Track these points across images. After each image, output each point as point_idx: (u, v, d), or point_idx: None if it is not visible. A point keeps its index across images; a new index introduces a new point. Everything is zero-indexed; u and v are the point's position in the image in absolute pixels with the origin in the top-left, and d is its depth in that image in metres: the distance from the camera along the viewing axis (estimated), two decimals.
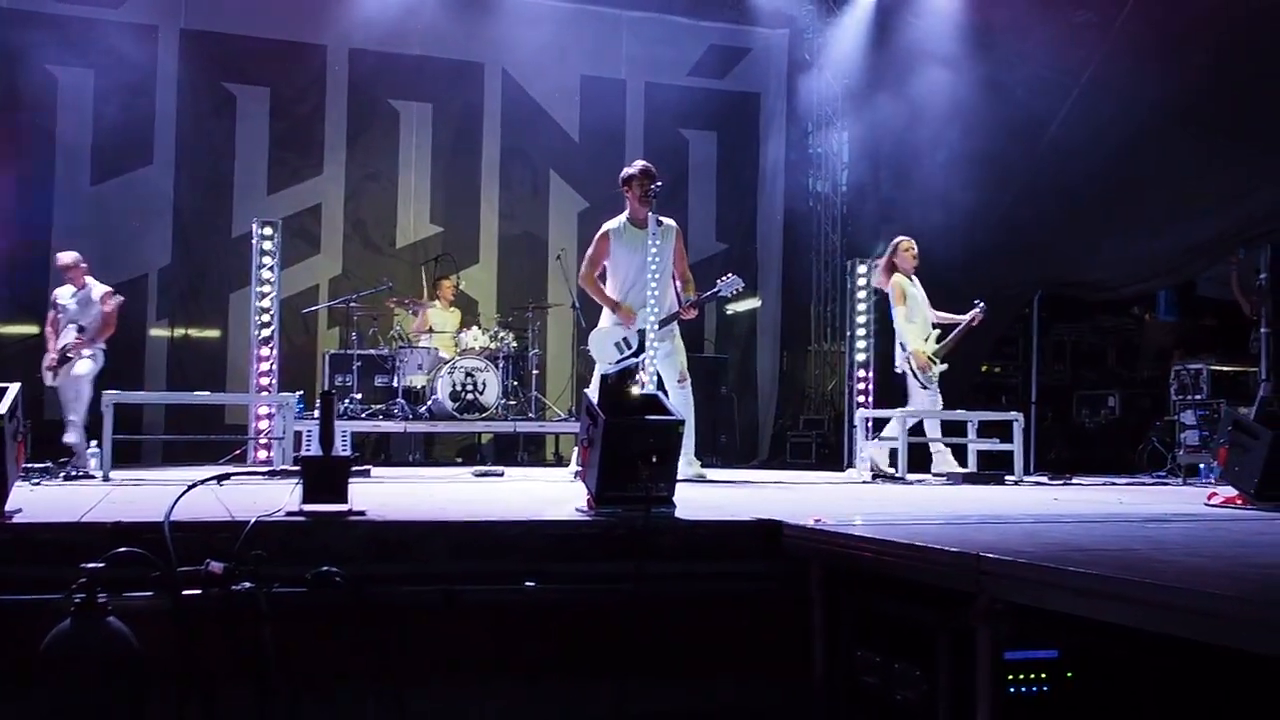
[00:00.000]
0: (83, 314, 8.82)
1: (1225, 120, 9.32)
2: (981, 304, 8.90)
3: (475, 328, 10.97)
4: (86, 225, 11.32)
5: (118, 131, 11.41)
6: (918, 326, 8.89)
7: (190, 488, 3.98)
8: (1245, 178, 9.40)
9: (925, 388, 8.89)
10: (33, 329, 11.00)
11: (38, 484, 6.24)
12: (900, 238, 9.04)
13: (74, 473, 7.12)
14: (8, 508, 3.89)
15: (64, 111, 11.44)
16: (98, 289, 8.95)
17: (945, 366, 8.92)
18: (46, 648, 3.28)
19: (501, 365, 10.60)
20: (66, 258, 9.01)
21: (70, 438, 8.36)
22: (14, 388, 4.02)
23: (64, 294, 8.93)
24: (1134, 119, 9.57)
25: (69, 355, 8.61)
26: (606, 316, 7.80)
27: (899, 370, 9.00)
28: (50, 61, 11.22)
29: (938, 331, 8.95)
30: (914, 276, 8.99)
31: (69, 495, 5.47)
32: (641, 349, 7.48)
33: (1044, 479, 8.62)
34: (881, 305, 9.70)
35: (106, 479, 6.89)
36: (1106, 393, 11.75)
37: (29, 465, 6.19)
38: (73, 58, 11.26)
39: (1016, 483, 8.21)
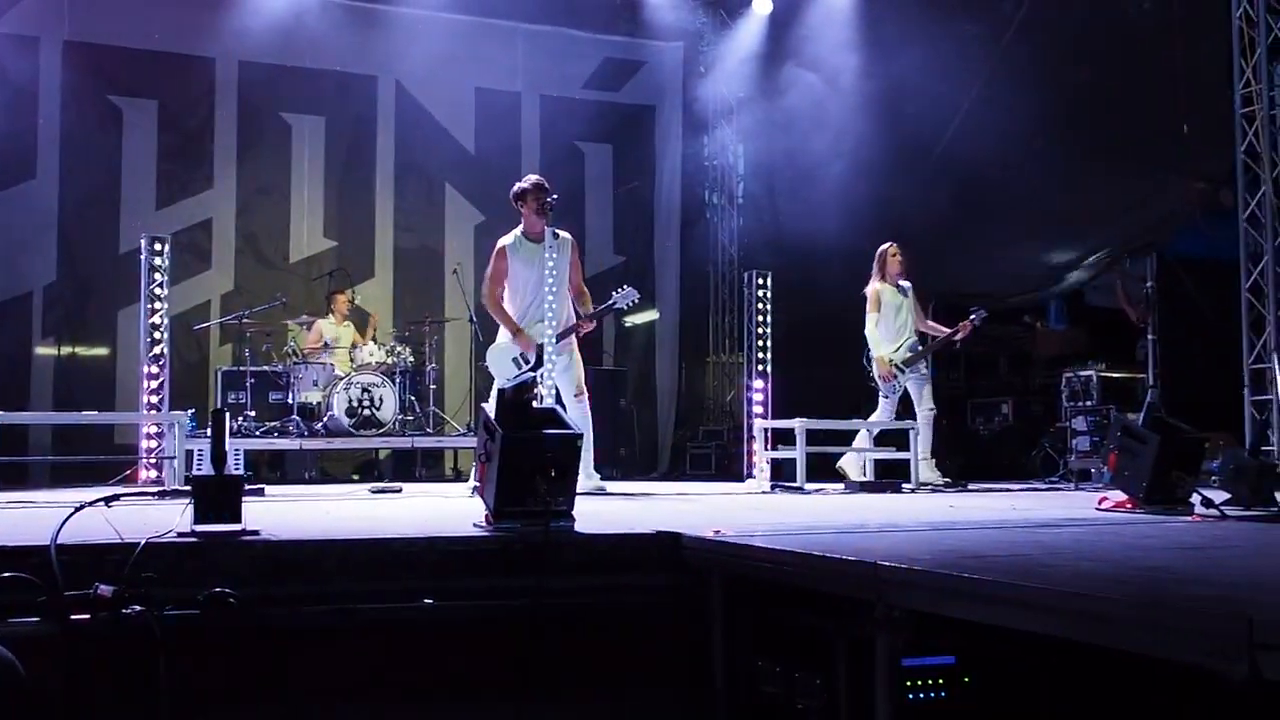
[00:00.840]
0: None
1: (1109, 135, 9.63)
2: (976, 314, 9.03)
3: (371, 343, 10.87)
4: None
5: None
6: (889, 334, 9.00)
7: (77, 509, 3.88)
8: (1129, 191, 9.71)
9: (885, 397, 9.02)
10: None
11: None
12: (887, 244, 9.16)
13: None
14: None
15: None
16: None
17: (921, 374, 9.03)
18: None
19: (398, 380, 10.51)
20: None
21: None
22: None
23: None
24: (1022, 132, 9.84)
25: None
26: (504, 332, 7.79)
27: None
28: None
29: (912, 339, 9.04)
30: (901, 283, 9.10)
31: None
32: (540, 364, 7.49)
33: (940, 485, 8.77)
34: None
35: None
36: (1000, 400, 12.00)
37: None
38: None
39: (913, 491, 8.36)
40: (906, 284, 9.17)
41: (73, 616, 3.49)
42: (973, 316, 9.07)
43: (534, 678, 3.93)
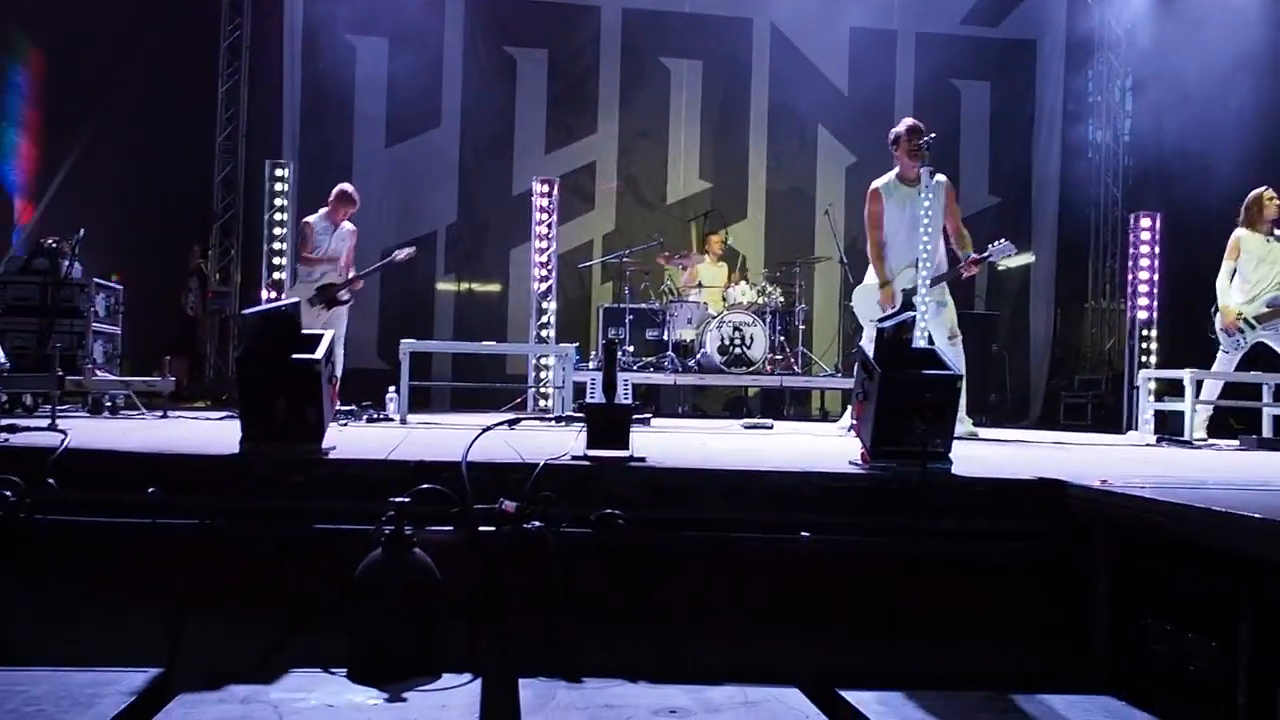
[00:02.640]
0: (341, 251, 8.88)
1: None
2: None
3: (743, 283, 11.07)
4: (383, 186, 12.06)
5: (409, 96, 12.10)
6: (1245, 285, 8.40)
7: (484, 431, 4.21)
8: None
9: (1225, 351, 8.44)
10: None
11: (344, 425, 6.69)
12: (1261, 189, 8.46)
13: (375, 415, 7.61)
14: (324, 444, 4.22)
15: (361, 79, 12.16)
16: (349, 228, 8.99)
17: (1264, 332, 8.33)
18: (360, 574, 3.56)
19: (768, 320, 10.66)
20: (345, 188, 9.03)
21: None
22: (329, 334, 4.34)
23: (339, 231, 8.97)
24: None
25: (341, 297, 8.64)
26: (873, 274, 7.78)
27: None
28: (349, 31, 11.93)
29: (1273, 294, 8.37)
30: (1278, 232, 8.41)
31: (373, 435, 5.85)
32: (909, 306, 7.38)
33: None
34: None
35: (404, 422, 7.33)
36: None
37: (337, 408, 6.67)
38: (369, 28, 11.94)
39: None
40: None
41: (481, 528, 3.80)
42: None
43: (905, 617, 3.94)
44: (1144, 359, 9.78)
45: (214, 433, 5.63)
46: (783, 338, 10.99)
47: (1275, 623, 3.12)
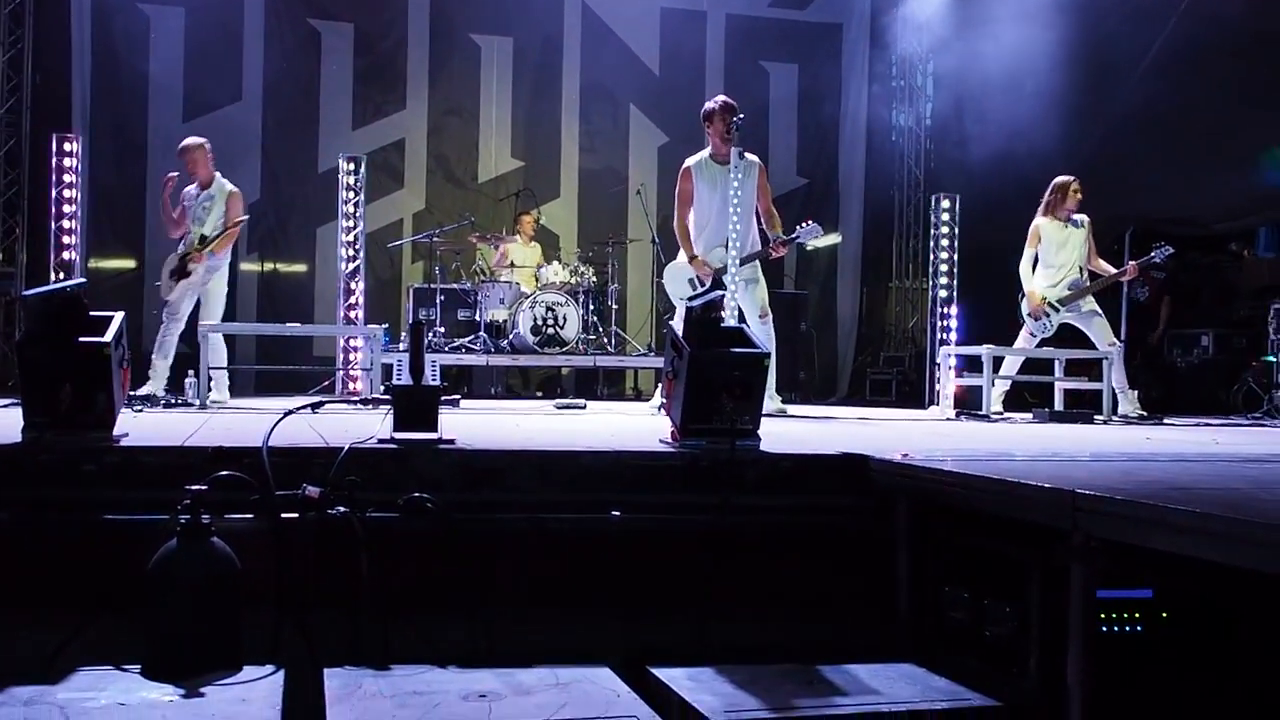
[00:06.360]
0: (207, 216, 8.34)
1: None
2: (1159, 251, 8.66)
3: (556, 262, 11.03)
4: (179, 162, 11.52)
5: (208, 70, 11.57)
6: (1047, 271, 8.75)
7: (286, 414, 4.09)
8: None
9: (1032, 334, 8.81)
10: (129, 263, 11.29)
11: (140, 410, 6.40)
12: (1067, 178, 8.79)
13: (173, 400, 7.31)
14: (115, 432, 4.02)
15: (156, 50, 11.57)
16: (225, 188, 8.45)
17: (1084, 312, 8.75)
18: (154, 566, 3.41)
19: (581, 300, 10.65)
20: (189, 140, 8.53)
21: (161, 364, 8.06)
22: (118, 316, 4.14)
23: (188, 192, 8.47)
24: (1233, 49, 9.28)
25: (189, 267, 8.19)
26: (684, 252, 7.87)
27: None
28: (142, 0, 11.37)
29: (1074, 278, 8.75)
30: (1075, 218, 8.75)
31: (171, 421, 5.63)
32: (719, 285, 7.49)
33: (1134, 419, 8.48)
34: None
35: (204, 407, 7.07)
36: (1200, 332, 11.48)
37: (132, 393, 6.38)
38: None
39: (1105, 422, 8.13)
40: (1081, 218, 8.78)
41: (283, 515, 3.68)
42: (1154, 254, 8.67)
43: (716, 593, 3.98)
44: (944, 336, 10.12)
45: None
46: (596, 317, 10.99)
47: (1061, 587, 3.26)
